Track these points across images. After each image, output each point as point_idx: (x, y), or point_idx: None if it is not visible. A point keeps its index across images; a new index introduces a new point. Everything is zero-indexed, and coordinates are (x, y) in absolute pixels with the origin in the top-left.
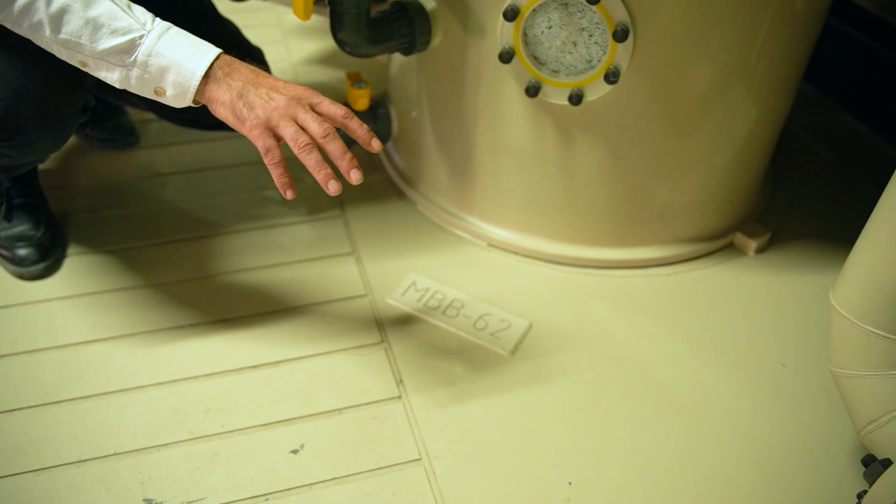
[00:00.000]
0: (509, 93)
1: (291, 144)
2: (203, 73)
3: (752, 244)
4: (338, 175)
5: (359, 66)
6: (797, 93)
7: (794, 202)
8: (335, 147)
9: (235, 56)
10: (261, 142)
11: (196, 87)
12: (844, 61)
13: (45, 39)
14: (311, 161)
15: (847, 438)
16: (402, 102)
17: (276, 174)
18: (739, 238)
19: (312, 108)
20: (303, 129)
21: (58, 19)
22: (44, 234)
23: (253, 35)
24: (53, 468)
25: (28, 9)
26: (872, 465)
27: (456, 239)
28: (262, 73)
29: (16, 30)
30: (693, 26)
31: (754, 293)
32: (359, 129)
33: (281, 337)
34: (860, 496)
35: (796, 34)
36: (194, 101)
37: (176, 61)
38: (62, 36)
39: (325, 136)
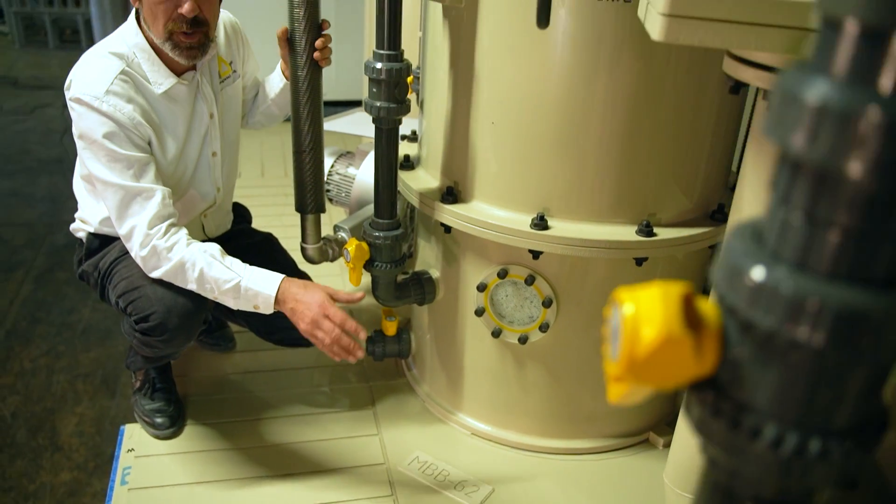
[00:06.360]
0: (482, 333)
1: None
2: (274, 296)
3: (661, 440)
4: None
5: None
6: None
7: None
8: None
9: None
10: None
11: (272, 304)
12: None
13: (188, 287)
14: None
15: None
16: (418, 330)
17: (340, 357)
18: (652, 436)
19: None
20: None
21: (201, 281)
22: (174, 408)
23: (322, 278)
24: None
25: (180, 276)
26: None
27: (449, 427)
28: (313, 303)
29: (171, 281)
30: (599, 300)
31: (660, 478)
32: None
33: (320, 487)
34: None
35: None
36: (275, 309)
37: (259, 291)
38: (199, 288)
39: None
